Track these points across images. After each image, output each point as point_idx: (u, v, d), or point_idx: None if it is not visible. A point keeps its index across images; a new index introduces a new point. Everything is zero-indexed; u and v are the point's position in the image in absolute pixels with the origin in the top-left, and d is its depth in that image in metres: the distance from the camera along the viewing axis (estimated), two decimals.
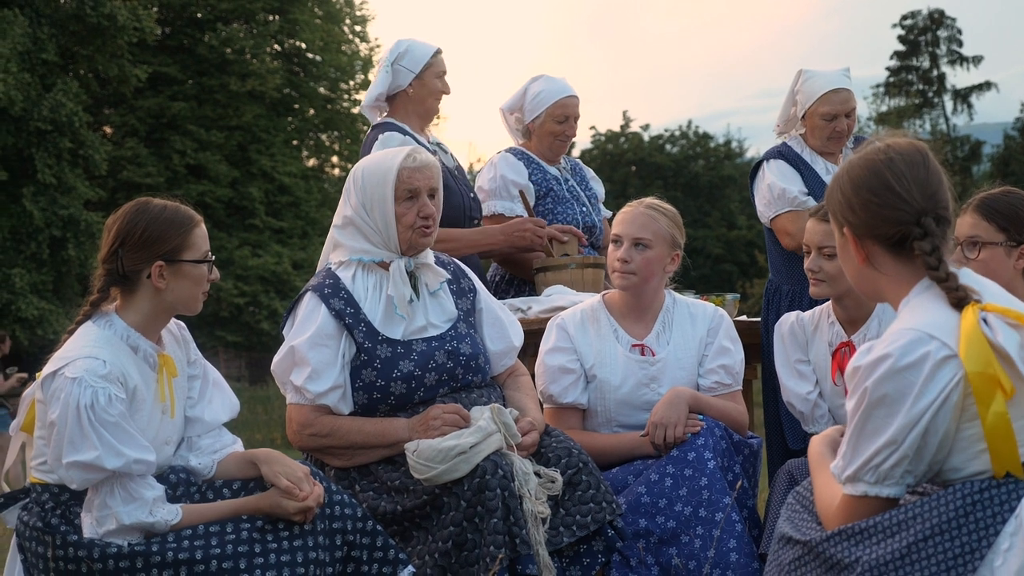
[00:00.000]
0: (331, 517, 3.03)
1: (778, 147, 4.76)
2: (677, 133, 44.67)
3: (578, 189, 5.00)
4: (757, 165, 4.79)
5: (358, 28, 32.39)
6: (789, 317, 3.91)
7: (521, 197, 4.71)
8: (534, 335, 3.98)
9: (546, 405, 3.79)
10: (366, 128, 4.74)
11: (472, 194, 4.73)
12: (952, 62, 42.43)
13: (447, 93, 4.69)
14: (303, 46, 30.81)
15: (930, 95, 42.80)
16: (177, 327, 3.20)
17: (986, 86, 42.28)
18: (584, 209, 4.94)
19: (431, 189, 3.50)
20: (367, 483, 3.35)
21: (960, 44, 42.64)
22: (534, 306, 4.29)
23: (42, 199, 22.75)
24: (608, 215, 5.12)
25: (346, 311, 3.39)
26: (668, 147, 44.27)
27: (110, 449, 2.78)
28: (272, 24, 30.09)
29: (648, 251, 3.72)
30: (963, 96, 42.26)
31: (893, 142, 2.40)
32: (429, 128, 4.80)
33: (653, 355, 3.78)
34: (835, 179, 2.45)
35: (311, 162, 32.86)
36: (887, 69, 43.35)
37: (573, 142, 5.10)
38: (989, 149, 41.93)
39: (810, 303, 4.14)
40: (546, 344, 3.82)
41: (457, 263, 3.72)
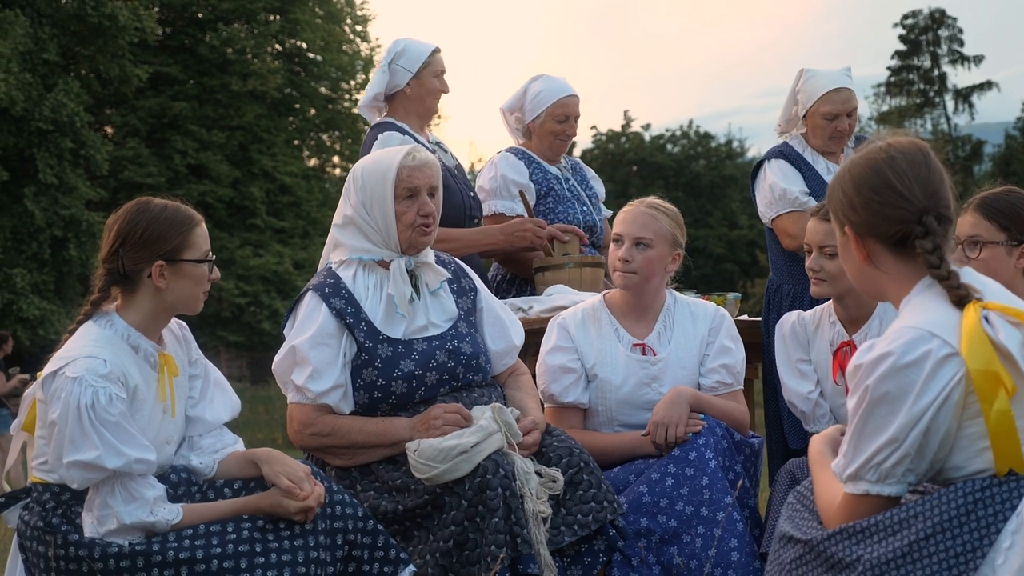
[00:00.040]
0: (332, 516, 3.03)
1: (779, 147, 4.75)
2: (678, 133, 44.68)
3: (579, 188, 5.00)
4: (758, 165, 4.78)
5: (359, 28, 32.40)
6: (790, 316, 3.91)
7: (521, 197, 4.71)
8: (535, 335, 3.98)
9: (547, 404, 3.79)
10: (367, 128, 4.74)
11: (472, 193, 4.73)
12: (953, 61, 42.43)
13: (446, 92, 4.69)
14: (304, 46, 30.82)
15: (931, 95, 42.80)
16: (178, 326, 3.20)
17: (987, 85, 42.27)
18: (585, 208, 4.94)
19: (431, 188, 3.50)
20: (368, 482, 3.35)
21: (961, 43, 42.65)
22: (535, 305, 4.29)
23: (43, 199, 22.77)
24: (608, 214, 5.11)
25: (347, 310, 3.39)
26: (669, 147, 44.28)
27: (111, 448, 2.78)
28: (273, 24, 30.11)
29: (649, 250, 3.72)
30: (964, 96, 42.26)
31: (894, 141, 2.40)
32: (429, 127, 4.79)
33: (654, 354, 3.77)
34: (836, 178, 2.45)
35: (312, 162, 32.88)
36: (888, 69, 43.37)
37: (574, 142, 5.10)
38: (990, 149, 41.93)
39: (811, 302, 4.14)
40: (547, 343, 3.82)
41: (458, 262, 3.72)
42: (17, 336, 20.59)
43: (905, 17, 42.96)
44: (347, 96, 31.57)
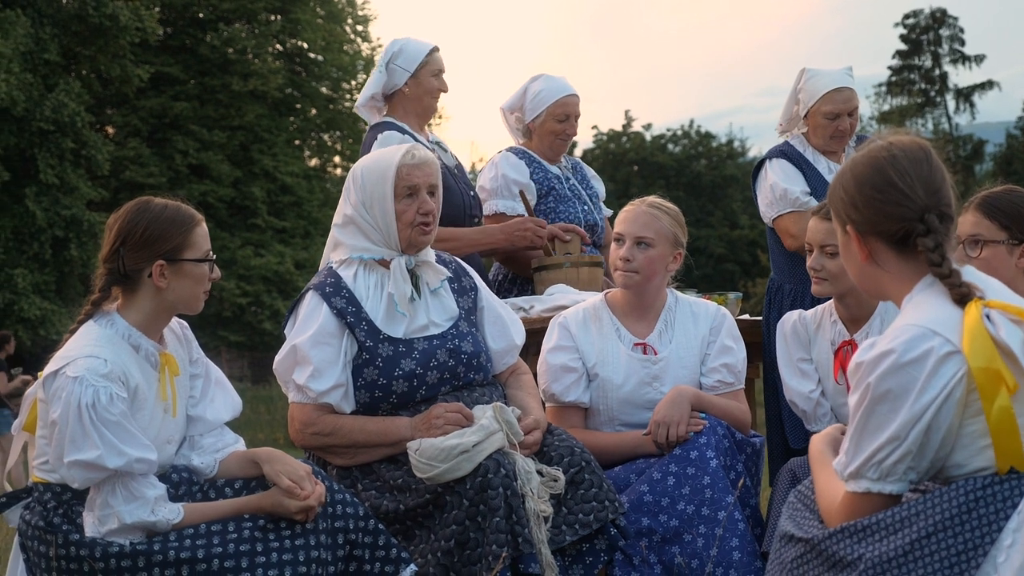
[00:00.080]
0: (333, 516, 3.03)
1: (780, 146, 4.75)
2: (679, 132, 44.65)
3: (579, 187, 5.00)
4: (759, 164, 4.78)
5: (360, 28, 32.40)
6: (791, 316, 3.91)
7: (521, 196, 4.71)
8: (536, 334, 3.98)
9: (548, 404, 3.79)
10: (367, 128, 4.74)
11: (472, 193, 4.73)
12: (954, 61, 42.42)
13: (444, 91, 4.69)
14: (305, 46, 30.81)
15: (932, 94, 42.78)
16: (179, 326, 3.20)
17: (988, 85, 42.25)
18: (586, 207, 4.94)
19: (430, 186, 3.50)
20: (369, 482, 3.35)
21: (962, 43, 42.62)
22: (536, 305, 4.29)
23: (44, 199, 22.77)
24: (609, 214, 5.11)
25: (348, 310, 3.39)
26: (670, 146, 44.26)
27: (111, 448, 2.78)
28: (274, 24, 30.10)
29: (650, 250, 3.72)
30: (965, 95, 42.24)
31: (896, 140, 2.40)
32: (429, 127, 4.79)
33: (655, 354, 3.77)
34: (838, 177, 2.44)
35: (313, 162, 32.87)
36: (889, 68, 43.36)
37: (575, 141, 5.09)
38: (991, 148, 41.91)
39: (812, 302, 4.14)
40: (548, 343, 3.82)
41: (458, 261, 3.72)
42: (18, 336, 20.58)
43: (906, 16, 42.96)
44: (348, 96, 31.55)
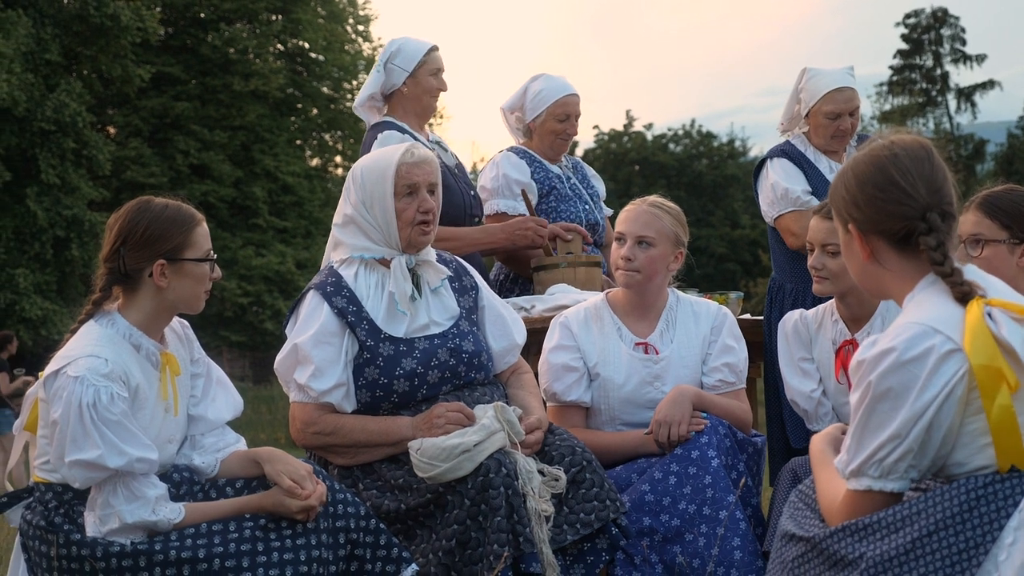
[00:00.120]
0: (334, 516, 3.03)
1: (782, 145, 4.75)
2: (680, 132, 44.66)
3: (580, 187, 5.00)
4: (761, 164, 4.78)
5: (361, 28, 32.41)
6: (793, 315, 3.91)
7: (523, 196, 4.71)
8: (538, 334, 3.97)
9: (549, 403, 3.79)
10: (368, 127, 4.74)
11: (473, 192, 4.73)
12: (955, 60, 42.38)
13: (443, 90, 4.69)
14: (306, 46, 30.82)
15: (933, 94, 42.75)
16: (180, 325, 3.20)
17: (989, 84, 42.22)
18: (587, 207, 4.94)
19: (430, 184, 3.50)
20: (371, 481, 3.35)
21: (963, 43, 42.60)
22: (538, 304, 4.29)
23: (46, 199, 22.78)
24: (609, 213, 5.11)
25: (348, 309, 3.39)
26: (671, 146, 44.26)
27: (112, 448, 2.78)
28: (275, 24, 30.11)
29: (652, 249, 3.71)
30: (966, 95, 42.21)
31: (897, 139, 2.40)
32: (430, 126, 4.79)
33: (657, 353, 3.77)
34: (839, 176, 2.44)
35: (314, 162, 32.88)
36: (890, 68, 43.33)
37: (576, 141, 5.10)
38: (993, 148, 41.88)
39: (814, 301, 4.14)
40: (549, 342, 3.82)
41: (459, 261, 3.72)
42: (20, 336, 20.56)
43: (907, 16, 42.93)
44: (349, 96, 31.56)
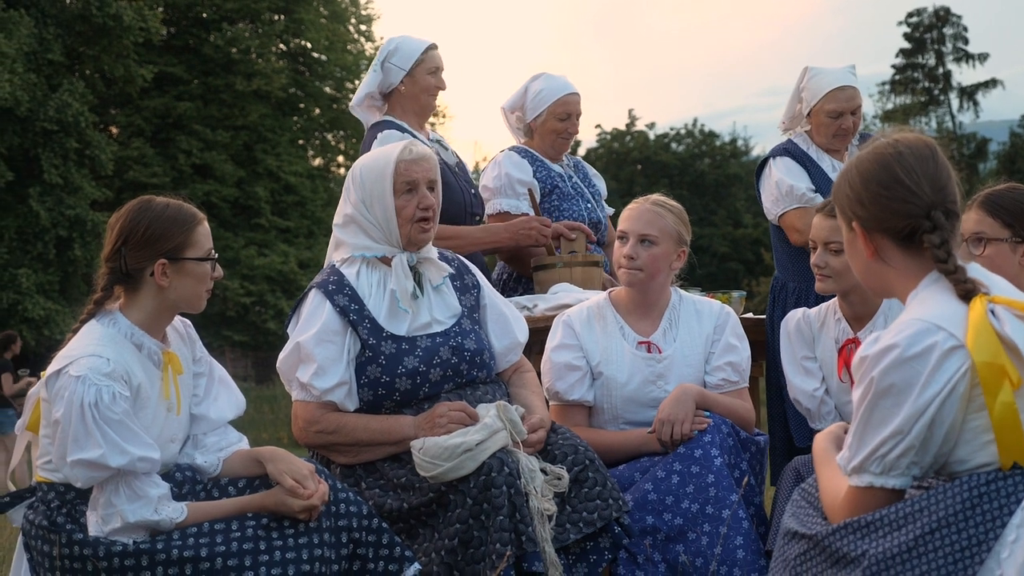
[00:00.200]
0: (336, 515, 3.03)
1: (784, 144, 4.75)
2: (683, 131, 44.67)
3: (582, 186, 5.00)
4: (763, 162, 4.78)
5: (363, 27, 32.43)
6: (795, 314, 3.90)
7: (529, 195, 4.70)
8: (540, 333, 3.97)
9: (552, 402, 3.79)
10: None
11: (473, 190, 4.72)
12: (958, 59, 42.33)
13: (442, 88, 4.68)
14: (308, 45, 30.83)
15: (936, 93, 42.71)
16: (183, 324, 3.20)
17: (992, 83, 42.17)
18: (589, 205, 4.94)
19: (429, 181, 3.50)
20: (373, 480, 3.35)
21: (966, 41, 42.54)
22: (540, 304, 4.29)
23: (48, 199, 22.80)
24: (611, 212, 5.11)
25: (350, 307, 3.39)
26: (674, 145, 44.27)
27: (114, 447, 2.78)
28: (277, 24, 30.12)
29: (654, 247, 3.71)
30: (969, 94, 42.17)
31: (901, 137, 2.40)
32: (431, 126, 4.78)
33: (660, 352, 3.77)
34: (843, 174, 2.44)
35: (317, 161, 32.89)
36: (893, 67, 43.28)
37: (578, 140, 5.10)
38: (995, 147, 41.84)
39: (816, 300, 4.13)
40: (552, 341, 3.81)
41: (461, 259, 3.72)
42: (23, 336, 20.60)
43: (910, 15, 42.86)
44: (351, 95, 31.48)
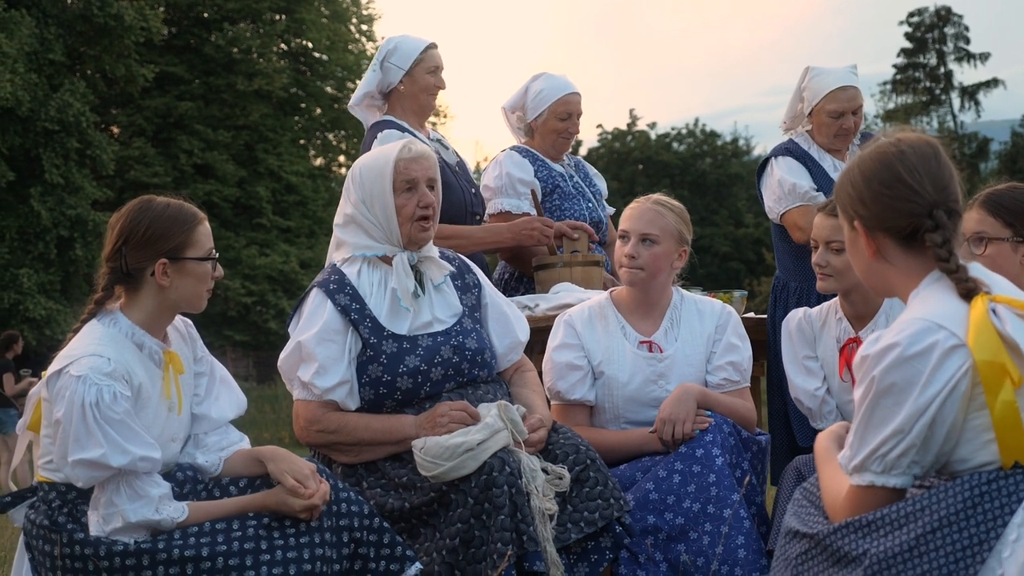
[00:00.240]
0: (338, 514, 3.03)
1: (785, 144, 4.75)
2: (684, 131, 44.65)
3: (583, 185, 5.00)
4: (764, 162, 4.78)
5: (364, 27, 32.41)
6: (797, 313, 3.90)
7: (532, 195, 4.70)
8: (542, 332, 3.97)
9: (553, 402, 3.79)
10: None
11: (474, 190, 4.72)
12: (959, 59, 42.31)
13: (441, 88, 4.68)
14: (310, 45, 30.81)
15: (937, 92, 42.69)
16: (184, 324, 3.20)
17: (993, 83, 42.15)
18: (590, 204, 4.94)
19: (429, 179, 3.50)
20: (374, 480, 3.35)
21: (967, 41, 42.52)
22: (541, 303, 4.29)
23: (50, 199, 22.79)
24: (612, 212, 5.11)
25: (352, 306, 3.39)
26: (675, 145, 44.25)
27: (115, 447, 2.78)
28: (279, 23, 30.10)
29: (655, 247, 3.71)
30: (970, 93, 42.15)
31: (903, 136, 2.40)
32: (432, 125, 4.78)
33: (661, 352, 3.77)
34: (845, 173, 2.44)
35: (318, 161, 32.87)
36: (894, 66, 43.25)
37: (579, 139, 5.10)
38: (997, 146, 41.82)
39: (818, 299, 4.13)
40: (553, 340, 3.81)
41: (462, 258, 3.72)
42: (24, 336, 20.59)
43: (911, 15, 42.84)
44: (352, 95, 31.57)
